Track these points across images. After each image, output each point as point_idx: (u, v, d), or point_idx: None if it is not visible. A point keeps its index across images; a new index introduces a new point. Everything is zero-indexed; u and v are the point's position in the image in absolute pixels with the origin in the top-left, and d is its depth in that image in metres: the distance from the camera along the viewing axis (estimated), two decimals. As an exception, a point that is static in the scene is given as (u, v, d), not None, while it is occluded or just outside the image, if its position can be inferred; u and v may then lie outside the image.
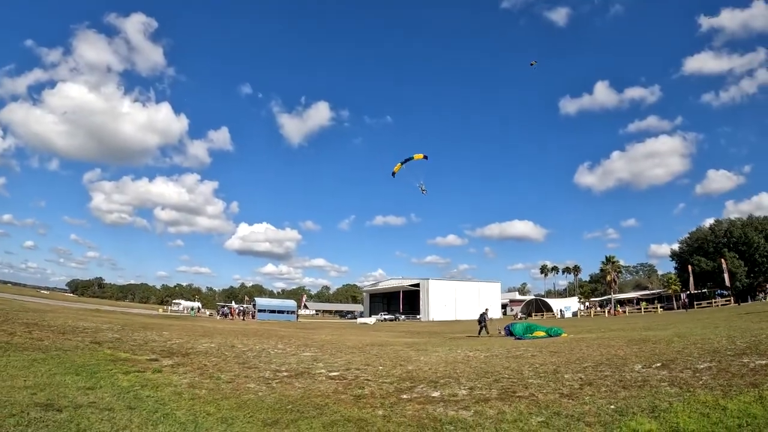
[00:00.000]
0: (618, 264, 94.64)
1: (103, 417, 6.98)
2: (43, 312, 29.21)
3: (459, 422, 7.23)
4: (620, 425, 6.50)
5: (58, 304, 56.01)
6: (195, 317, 67.10)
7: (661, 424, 6.34)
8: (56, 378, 9.56)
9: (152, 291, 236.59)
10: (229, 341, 18.85)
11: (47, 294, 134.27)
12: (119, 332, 19.70)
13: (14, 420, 6.26)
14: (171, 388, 9.59)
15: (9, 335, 15.62)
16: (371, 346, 18.73)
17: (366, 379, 10.76)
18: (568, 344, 16.11)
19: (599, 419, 6.87)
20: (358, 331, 38.42)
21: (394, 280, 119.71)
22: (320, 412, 8.07)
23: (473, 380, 10.17)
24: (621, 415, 6.94)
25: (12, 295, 66.36)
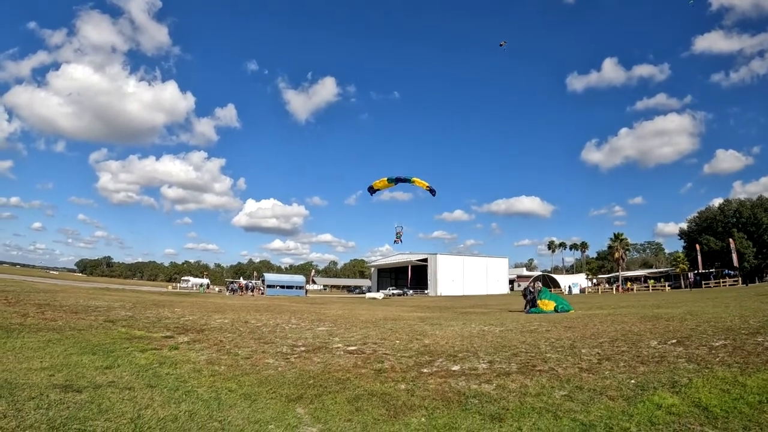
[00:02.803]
0: (626, 241, 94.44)
1: (124, 396, 6.91)
2: (53, 292, 29.30)
3: (483, 396, 7.19)
4: (643, 399, 6.46)
5: (68, 283, 56.33)
6: (204, 294, 67.48)
7: (683, 399, 6.32)
8: (73, 358, 9.50)
9: (160, 268, 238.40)
10: (242, 317, 18.82)
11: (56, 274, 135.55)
12: (131, 310, 19.69)
13: (34, 403, 6.17)
14: (190, 365, 9.54)
15: (22, 316, 15.60)
16: (385, 320, 18.65)
17: (384, 354, 10.67)
18: (580, 320, 15.98)
19: (621, 393, 6.83)
20: (368, 306, 38.46)
21: (401, 255, 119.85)
22: (343, 386, 8.00)
23: (491, 354, 10.08)
24: (642, 389, 6.92)
25: (22, 277, 66.87)
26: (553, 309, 22.98)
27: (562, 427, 5.68)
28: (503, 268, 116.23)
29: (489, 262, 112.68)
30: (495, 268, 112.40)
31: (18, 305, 19.15)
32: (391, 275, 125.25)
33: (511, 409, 6.51)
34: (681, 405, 6.11)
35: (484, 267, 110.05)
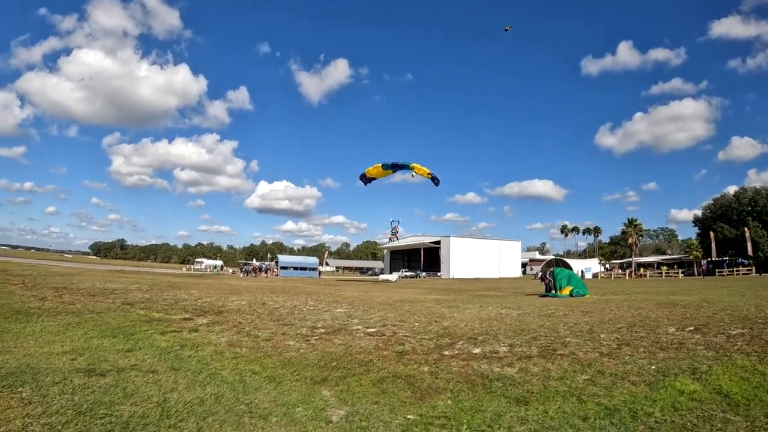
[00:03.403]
0: (640, 227, 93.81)
1: (148, 380, 6.87)
2: (70, 275, 29.50)
3: (506, 379, 7.14)
4: (665, 385, 6.40)
5: (83, 267, 56.76)
6: (218, 275, 67.88)
7: (704, 386, 6.26)
8: (93, 341, 9.50)
9: (174, 251, 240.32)
10: (259, 298, 18.85)
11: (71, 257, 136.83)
12: (148, 292, 19.77)
13: (59, 388, 6.13)
14: (211, 347, 9.52)
15: (40, 300, 15.69)
16: (401, 302, 18.60)
17: (404, 336, 10.61)
18: (597, 305, 15.85)
19: (643, 379, 6.79)
20: (383, 288, 38.50)
21: (414, 237, 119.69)
22: (367, 368, 7.95)
23: (511, 337, 10.01)
24: (663, 375, 6.86)
25: (37, 261, 67.56)
26: (568, 293, 22.88)
27: (587, 411, 5.60)
28: (516, 251, 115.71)
29: (502, 245, 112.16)
30: (508, 251, 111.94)
31: (35, 289, 19.30)
32: (404, 257, 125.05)
33: (536, 392, 6.45)
34: (702, 392, 6.05)
35: (497, 250, 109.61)
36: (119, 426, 4.96)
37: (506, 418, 5.50)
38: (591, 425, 5.18)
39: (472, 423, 5.35)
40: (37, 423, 4.89)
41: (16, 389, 5.96)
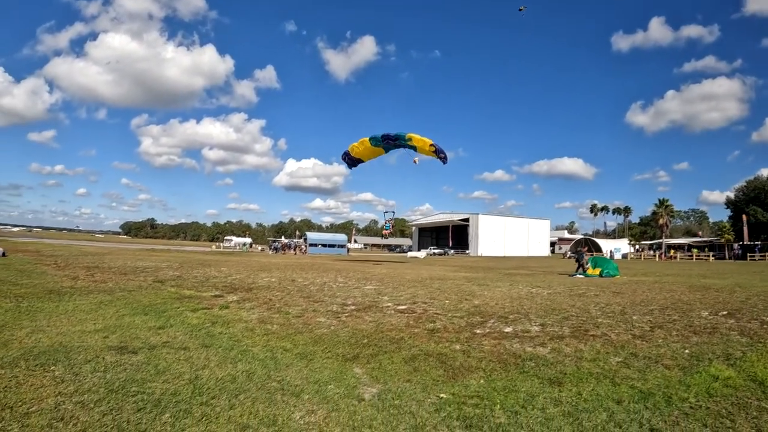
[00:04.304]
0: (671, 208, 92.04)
1: (180, 357, 6.91)
2: (101, 255, 30.01)
3: (539, 359, 7.05)
4: (699, 370, 6.26)
5: (114, 246, 57.77)
6: (247, 253, 68.52)
7: (738, 372, 6.11)
8: (125, 319, 9.61)
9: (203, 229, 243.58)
10: (289, 275, 18.93)
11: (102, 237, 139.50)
12: (179, 270, 20.00)
13: (91, 366, 6.19)
14: (242, 324, 9.56)
15: (72, 279, 15.95)
16: (431, 279, 18.53)
17: (435, 313, 10.53)
18: (628, 286, 15.62)
19: (676, 363, 6.65)
20: (411, 265, 38.35)
21: (443, 214, 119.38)
22: (398, 346, 7.89)
23: (542, 317, 9.89)
24: (697, 360, 6.74)
25: (69, 241, 68.94)
26: (598, 274, 22.63)
27: (621, 394, 5.47)
28: (545, 230, 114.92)
29: (530, 224, 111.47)
30: (536, 229, 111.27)
31: (68, 269, 19.64)
32: (432, 234, 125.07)
33: (569, 373, 6.33)
34: (737, 378, 5.89)
35: (526, 228, 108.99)
36: (151, 403, 4.96)
37: (540, 399, 5.39)
38: (625, 409, 5.06)
39: (506, 403, 5.26)
40: (70, 401, 4.92)
41: (48, 368, 6.02)
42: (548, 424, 4.71)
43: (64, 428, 4.30)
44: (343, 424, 4.72)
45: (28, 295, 11.97)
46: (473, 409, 5.10)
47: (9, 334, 7.83)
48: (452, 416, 4.93)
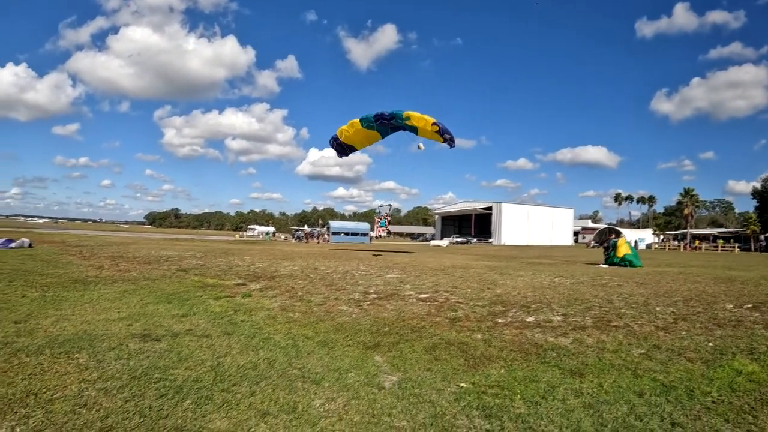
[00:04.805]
0: (696, 198, 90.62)
1: (202, 344, 7.01)
2: (126, 244, 30.39)
3: (560, 349, 7.00)
4: (722, 364, 6.15)
5: (138, 236, 58.48)
6: (271, 241, 68.98)
7: (762, 367, 5.99)
8: (149, 307, 9.76)
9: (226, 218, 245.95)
10: (311, 264, 18.99)
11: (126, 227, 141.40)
12: (202, 259, 20.18)
13: (114, 353, 6.31)
14: (264, 312, 9.66)
15: (97, 269, 16.20)
16: (453, 268, 18.41)
17: (457, 302, 10.50)
18: (651, 276, 15.36)
19: (699, 356, 6.54)
20: (434, 254, 38.14)
21: (465, 202, 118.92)
22: (419, 335, 7.91)
23: (565, 307, 9.77)
24: (721, 354, 6.61)
25: (94, 231, 69.93)
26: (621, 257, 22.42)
27: (643, 387, 5.41)
28: (568, 219, 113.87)
29: (554, 213, 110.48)
30: (560, 218, 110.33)
31: (93, 258, 19.93)
32: (455, 223, 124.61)
33: (590, 364, 6.28)
34: (761, 373, 5.78)
35: (549, 217, 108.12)
36: (173, 390, 5.05)
37: (560, 389, 5.37)
38: (647, 401, 5.01)
39: (526, 393, 5.25)
40: (93, 388, 5.02)
41: (73, 355, 6.15)
42: (568, 416, 4.69)
43: (87, 414, 4.39)
44: (363, 412, 4.75)
45: (53, 284, 12.19)
46: (493, 399, 5.10)
47: (35, 322, 8.00)
48: (472, 406, 4.94)
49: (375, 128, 27.06)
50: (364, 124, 26.82)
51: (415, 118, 25.17)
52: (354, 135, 28.32)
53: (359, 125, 27.07)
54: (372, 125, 26.66)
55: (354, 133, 28.11)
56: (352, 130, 27.74)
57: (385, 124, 26.45)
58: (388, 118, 25.68)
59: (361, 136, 28.48)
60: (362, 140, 29.30)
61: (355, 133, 28.12)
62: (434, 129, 25.29)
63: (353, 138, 28.68)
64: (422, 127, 25.80)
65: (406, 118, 25.24)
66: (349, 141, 29.11)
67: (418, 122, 25.51)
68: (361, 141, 29.42)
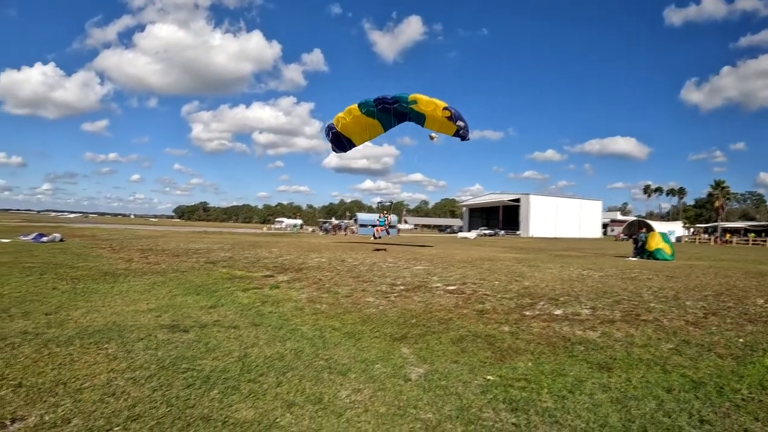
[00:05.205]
0: (727, 190, 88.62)
1: (230, 335, 7.08)
2: (155, 238, 30.82)
3: (588, 343, 6.94)
4: (753, 361, 6.07)
5: (167, 229, 59.30)
6: (298, 234, 69.33)
7: None
8: (177, 299, 9.88)
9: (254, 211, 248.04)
10: (339, 256, 19.05)
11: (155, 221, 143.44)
12: (230, 251, 20.38)
13: (143, 344, 6.40)
14: (291, 303, 9.72)
15: (127, 262, 16.45)
16: (481, 260, 18.33)
17: (484, 294, 10.45)
18: (681, 270, 15.13)
19: (730, 352, 6.45)
20: (461, 246, 38.01)
21: (493, 194, 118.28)
22: (446, 327, 7.90)
23: (593, 300, 9.68)
24: (751, 350, 6.53)
25: (124, 225, 71.01)
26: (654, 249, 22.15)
27: (672, 383, 5.32)
28: (597, 211, 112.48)
29: (582, 205, 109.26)
30: (588, 210, 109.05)
31: (122, 251, 20.25)
32: (483, 215, 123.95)
33: (619, 358, 6.21)
34: None
35: (577, 209, 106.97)
36: (200, 380, 5.10)
37: (588, 384, 5.31)
38: (675, 398, 4.93)
39: (553, 387, 5.20)
40: (121, 377, 5.10)
41: (102, 346, 6.25)
42: (596, 411, 4.64)
43: (115, 403, 4.46)
44: (389, 403, 4.75)
45: (84, 277, 12.41)
46: (520, 392, 5.07)
47: (65, 314, 8.15)
48: (498, 399, 4.91)
49: (375, 115, 23.39)
50: (363, 110, 23.23)
51: (423, 102, 21.76)
52: (352, 123, 24.38)
53: (357, 111, 23.39)
54: (372, 111, 23.02)
55: (352, 122, 24.17)
56: (350, 118, 23.89)
57: (388, 110, 22.60)
58: (391, 101, 22.05)
59: (360, 125, 24.72)
60: (361, 131, 25.47)
61: (354, 122, 24.21)
62: (445, 115, 21.71)
63: (351, 127, 24.76)
64: (431, 112, 22.30)
65: (412, 101, 21.78)
66: (346, 131, 25.11)
67: (426, 107, 22.02)
68: (360, 132, 25.56)
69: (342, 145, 26.42)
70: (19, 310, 8.33)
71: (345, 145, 26.35)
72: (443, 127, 23.12)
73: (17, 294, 9.84)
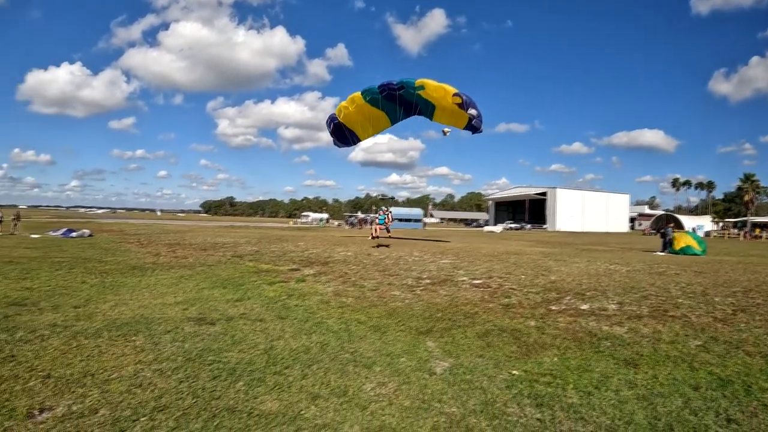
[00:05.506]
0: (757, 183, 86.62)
1: (256, 328, 7.14)
2: (182, 232, 31.19)
3: (615, 338, 6.88)
4: None
5: (194, 224, 59.95)
6: (324, 228, 69.58)
7: None
8: (204, 292, 9.99)
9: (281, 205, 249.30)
10: (365, 249, 19.08)
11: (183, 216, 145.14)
12: (257, 245, 20.54)
13: (170, 336, 6.49)
14: (317, 296, 9.77)
15: (155, 256, 16.68)
16: (507, 254, 18.21)
17: (510, 288, 10.39)
18: (710, 265, 14.84)
19: (759, 350, 6.33)
20: (487, 239, 37.84)
21: (519, 188, 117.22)
22: (472, 321, 7.88)
23: (620, 295, 9.57)
24: None
25: (151, 221, 71.99)
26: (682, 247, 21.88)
27: (699, 380, 5.23)
28: (624, 205, 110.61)
29: (609, 198, 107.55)
30: (615, 204, 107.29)
31: (150, 246, 20.55)
32: (509, 209, 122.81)
33: (645, 355, 6.14)
34: None
35: (605, 203, 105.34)
36: (226, 372, 5.15)
37: (614, 380, 5.25)
38: (702, 396, 4.84)
39: (579, 383, 5.15)
40: (148, 369, 5.17)
41: (130, 338, 6.35)
42: (621, 407, 4.58)
43: (141, 394, 4.52)
44: (413, 397, 4.75)
45: (112, 271, 12.62)
46: (545, 388, 5.03)
47: (94, 307, 8.30)
48: (523, 394, 4.88)
49: (380, 104, 20.88)
50: (367, 97, 20.72)
51: (431, 88, 19.29)
52: (355, 113, 21.69)
53: (361, 100, 20.86)
54: (377, 99, 20.55)
55: (355, 111, 21.50)
56: (353, 107, 21.29)
57: (393, 96, 20.15)
58: (396, 87, 19.73)
59: (364, 115, 22.01)
60: (364, 122, 22.63)
61: (357, 111, 21.51)
62: (456, 102, 19.22)
63: (354, 118, 22.07)
64: (440, 99, 19.88)
65: (419, 87, 19.42)
66: (349, 122, 22.42)
67: (435, 92, 19.53)
68: (363, 123, 22.72)
69: (345, 138, 23.94)
70: (49, 303, 8.50)
71: (348, 138, 23.88)
72: (453, 118, 20.96)
73: (47, 288, 10.05)
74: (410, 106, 21.60)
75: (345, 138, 23.67)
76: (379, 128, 23.82)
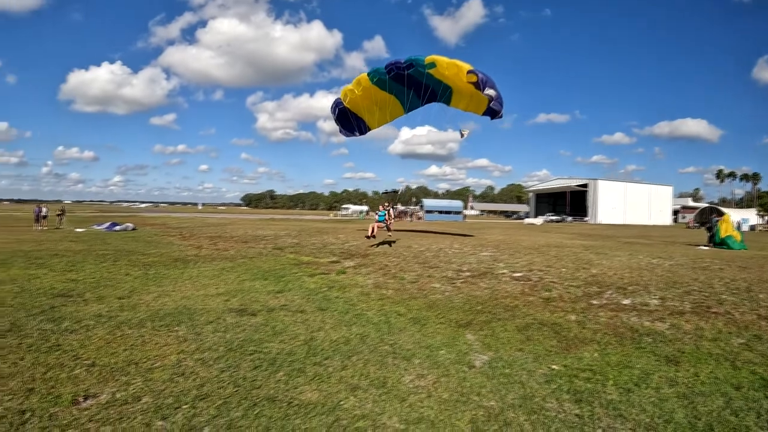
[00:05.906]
0: None
1: (297, 319, 7.23)
2: (223, 225, 31.66)
3: (657, 335, 6.76)
4: None
5: (235, 217, 60.77)
6: (364, 220, 69.78)
7: None
8: (246, 284, 10.14)
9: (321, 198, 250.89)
10: (405, 242, 19.06)
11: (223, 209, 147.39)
12: (297, 237, 20.73)
13: (212, 327, 6.62)
14: (357, 288, 9.83)
15: (197, 248, 16.98)
16: (547, 247, 18.00)
17: (551, 282, 10.27)
18: (755, 260, 14.35)
19: None
20: (528, 232, 37.44)
21: (560, 179, 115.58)
22: (512, 314, 7.84)
23: (662, 290, 9.35)
24: None
25: (193, 214, 73.20)
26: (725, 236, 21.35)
27: (741, 380, 5.10)
28: (667, 197, 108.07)
29: (652, 190, 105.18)
30: (658, 196, 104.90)
31: (192, 239, 20.91)
32: (550, 201, 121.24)
33: (687, 352, 6.01)
34: None
35: (647, 195, 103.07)
36: (267, 362, 5.23)
37: (654, 377, 5.16)
38: (744, 396, 4.72)
39: (619, 379, 5.07)
40: (191, 358, 5.29)
41: (172, 328, 6.50)
42: (661, 406, 4.50)
43: (184, 382, 4.62)
44: (452, 389, 4.75)
45: (155, 263, 12.90)
46: (585, 383, 4.97)
47: (137, 298, 8.52)
48: (563, 389, 4.84)
49: (388, 86, 18.47)
50: (374, 79, 18.46)
51: (443, 65, 17.05)
52: (362, 97, 19.33)
53: (368, 82, 18.61)
54: (384, 80, 18.18)
55: (362, 95, 19.15)
56: (359, 91, 18.95)
57: (401, 77, 17.93)
58: (404, 65, 17.47)
59: (371, 99, 19.57)
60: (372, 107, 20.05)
61: (364, 95, 19.18)
62: (470, 80, 16.84)
63: (360, 102, 19.71)
64: (454, 78, 17.46)
65: (430, 64, 17.20)
66: (356, 107, 20.07)
67: (447, 70, 17.18)
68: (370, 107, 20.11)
69: (350, 126, 21.52)
70: (94, 294, 8.76)
71: (354, 125, 21.47)
72: (473, 103, 18.50)
73: (92, 280, 10.34)
74: (421, 88, 19.03)
75: (351, 125, 21.55)
76: (389, 115, 20.99)
